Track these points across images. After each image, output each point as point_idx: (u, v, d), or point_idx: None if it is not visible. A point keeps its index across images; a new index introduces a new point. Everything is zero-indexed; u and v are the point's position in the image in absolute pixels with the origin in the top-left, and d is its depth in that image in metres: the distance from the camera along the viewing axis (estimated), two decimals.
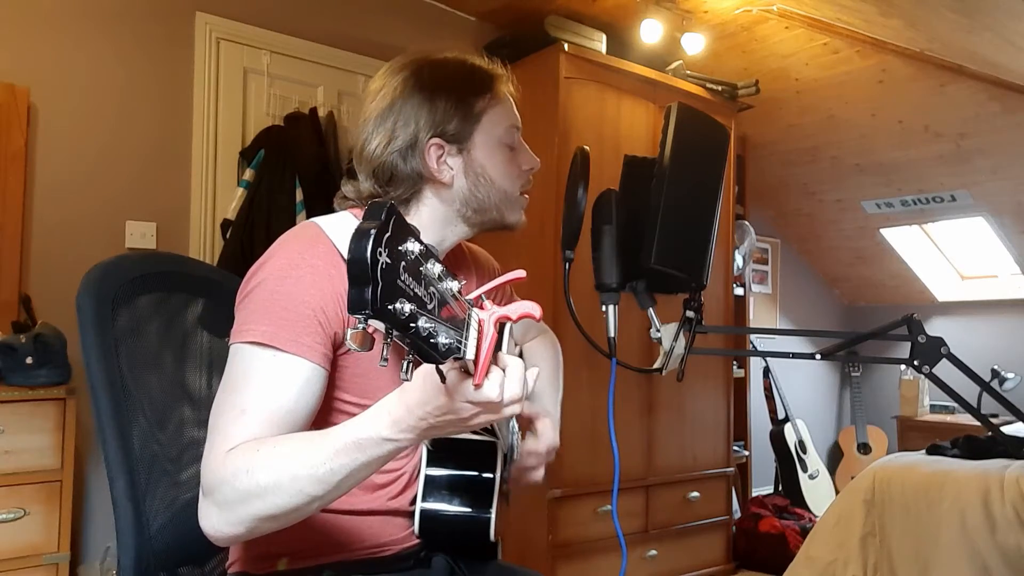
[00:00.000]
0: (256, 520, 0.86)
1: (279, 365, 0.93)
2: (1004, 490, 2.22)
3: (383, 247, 0.56)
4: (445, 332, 0.62)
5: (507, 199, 1.13)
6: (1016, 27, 2.62)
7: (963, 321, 4.68)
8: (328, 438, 0.83)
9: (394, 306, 0.57)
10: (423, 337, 0.60)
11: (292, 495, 0.83)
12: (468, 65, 1.12)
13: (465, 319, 0.66)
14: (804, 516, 3.83)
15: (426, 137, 1.06)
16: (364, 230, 0.56)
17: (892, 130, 3.78)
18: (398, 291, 0.57)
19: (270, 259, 1.00)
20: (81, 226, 2.45)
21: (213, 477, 0.88)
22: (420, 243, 0.61)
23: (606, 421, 2.70)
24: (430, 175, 1.07)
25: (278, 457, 0.85)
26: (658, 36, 3.20)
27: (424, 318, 0.59)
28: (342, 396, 1.03)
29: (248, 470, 0.85)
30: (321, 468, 0.82)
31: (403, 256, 0.58)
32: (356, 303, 0.56)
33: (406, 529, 1.10)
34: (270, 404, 0.92)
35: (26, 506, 1.96)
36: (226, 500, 0.86)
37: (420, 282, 0.60)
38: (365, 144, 1.08)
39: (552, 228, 2.81)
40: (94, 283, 1.07)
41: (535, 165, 1.17)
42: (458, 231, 1.14)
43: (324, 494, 0.84)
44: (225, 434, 0.90)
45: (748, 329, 4.43)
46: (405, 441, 0.80)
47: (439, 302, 0.62)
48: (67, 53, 2.47)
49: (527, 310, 0.71)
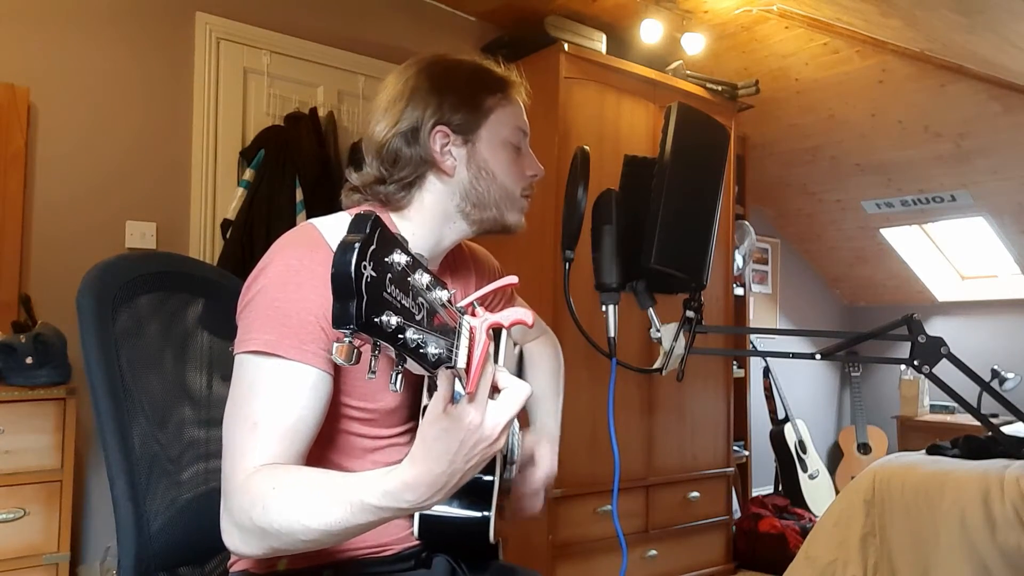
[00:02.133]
0: (273, 551, 0.88)
1: (285, 373, 0.93)
2: (1004, 490, 2.22)
3: (367, 260, 0.56)
4: (435, 342, 0.62)
5: (507, 197, 1.13)
6: (1016, 27, 2.62)
7: (963, 321, 4.68)
8: (346, 493, 0.81)
9: (380, 319, 0.56)
10: (411, 348, 0.59)
11: (305, 541, 0.85)
12: (483, 67, 1.14)
13: (456, 328, 0.65)
14: (804, 516, 3.83)
15: (432, 123, 1.07)
16: (348, 243, 0.56)
17: (892, 130, 3.78)
18: (384, 304, 0.57)
19: (269, 265, 1.00)
20: (81, 226, 2.45)
21: (232, 499, 0.89)
22: (407, 254, 0.60)
23: (606, 421, 2.70)
24: (433, 160, 1.08)
25: (293, 502, 0.84)
26: (658, 36, 3.20)
27: (412, 329, 0.59)
28: (347, 401, 1.03)
29: (264, 507, 0.85)
30: (335, 525, 0.82)
31: (389, 268, 0.58)
32: (340, 318, 0.56)
33: (406, 530, 1.10)
34: (280, 414, 0.92)
35: (26, 506, 1.95)
36: (245, 527, 0.88)
37: (408, 293, 0.60)
38: (373, 128, 1.10)
39: (552, 228, 2.81)
40: (94, 283, 1.08)
41: (539, 172, 1.17)
42: (457, 229, 1.14)
43: (336, 541, 0.88)
44: (242, 450, 0.91)
45: (748, 329, 4.43)
46: (428, 502, 0.78)
47: (428, 312, 0.62)
48: (67, 53, 2.47)
49: (519, 316, 0.71)
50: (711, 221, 1.27)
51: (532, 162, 1.16)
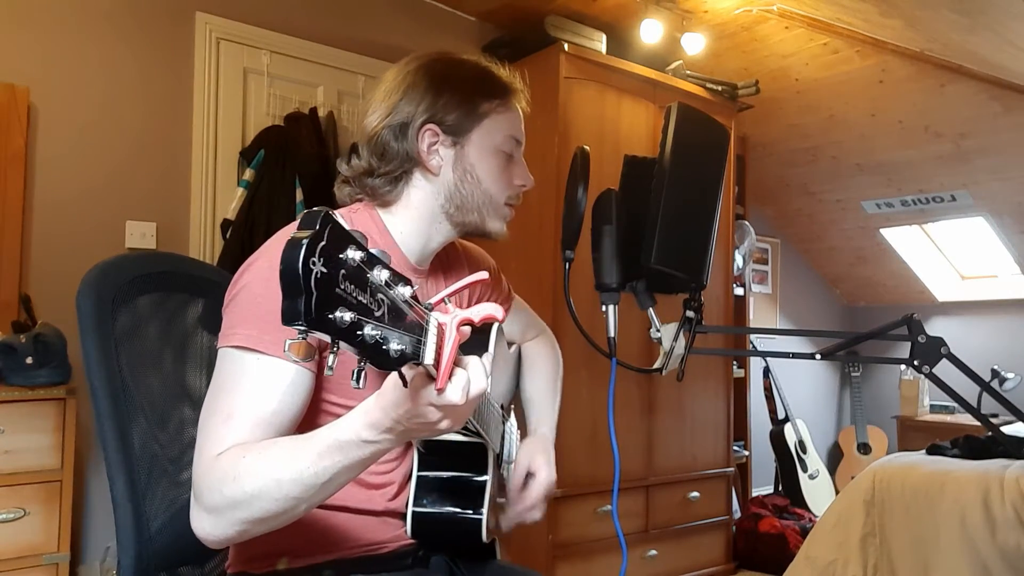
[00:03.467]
0: (246, 524, 0.87)
1: (264, 369, 0.94)
2: (1004, 490, 2.22)
3: (316, 256, 0.55)
4: (398, 338, 0.61)
5: (490, 204, 1.12)
6: (1016, 27, 2.62)
7: (963, 321, 4.68)
8: (311, 442, 0.83)
9: (333, 315, 0.56)
10: (371, 345, 0.59)
11: (278, 500, 0.84)
12: (487, 71, 1.13)
13: (424, 324, 0.65)
14: (804, 516, 3.83)
15: (422, 120, 1.07)
16: (296, 240, 0.55)
17: (892, 130, 3.78)
18: (337, 300, 0.56)
19: (255, 262, 1.00)
20: (81, 226, 2.45)
21: (201, 483, 0.89)
22: (363, 250, 0.60)
23: (606, 421, 2.70)
24: (419, 158, 1.08)
25: (263, 463, 0.85)
26: (658, 36, 3.19)
27: (370, 325, 0.59)
28: (328, 398, 1.03)
29: (235, 477, 0.85)
30: (305, 472, 0.82)
31: (343, 264, 0.57)
32: (289, 314, 0.55)
33: (401, 528, 1.10)
34: (256, 408, 0.92)
35: (26, 506, 1.95)
36: (215, 506, 0.87)
37: (365, 290, 0.59)
38: (366, 117, 1.10)
39: (552, 228, 2.81)
40: (94, 283, 1.08)
41: (528, 183, 1.17)
42: (443, 230, 1.14)
43: (309, 497, 0.85)
44: (213, 439, 0.91)
45: (748, 329, 4.43)
46: (385, 443, 0.80)
47: (390, 309, 0.61)
48: (67, 53, 2.46)
49: (490, 312, 0.70)
50: (711, 221, 1.27)
51: (522, 172, 1.16)
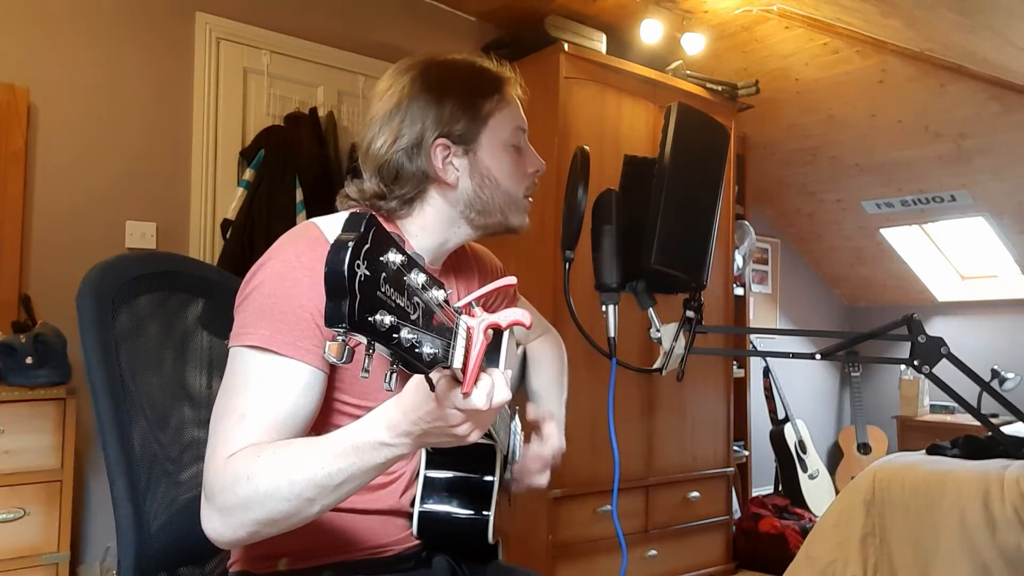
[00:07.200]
0: (257, 525, 0.86)
1: (277, 369, 0.93)
2: (1004, 490, 2.22)
3: (361, 259, 0.56)
4: (430, 342, 0.61)
5: (511, 201, 1.12)
6: (1016, 27, 2.62)
7: (963, 321, 4.68)
8: (326, 443, 0.83)
9: (374, 318, 0.56)
10: (406, 348, 0.59)
11: (291, 500, 0.83)
12: (477, 67, 1.12)
13: (453, 328, 0.65)
14: (804, 516, 3.83)
15: (432, 137, 1.06)
16: (342, 242, 0.56)
17: (892, 130, 3.78)
18: (378, 303, 0.57)
19: (268, 261, 1.00)
20: (81, 226, 2.45)
21: (214, 483, 0.88)
22: (403, 253, 0.60)
23: (606, 421, 2.69)
24: (435, 175, 1.07)
25: (277, 463, 0.85)
26: (658, 36, 3.20)
27: (407, 328, 0.59)
28: (343, 398, 1.03)
29: (248, 476, 0.85)
30: (320, 473, 0.82)
31: (384, 267, 0.58)
32: (333, 316, 0.56)
33: (406, 530, 1.10)
34: (269, 408, 0.92)
35: (26, 506, 1.95)
36: (227, 506, 0.87)
37: (403, 293, 0.59)
38: (371, 143, 1.08)
39: (552, 228, 2.81)
40: (94, 283, 1.07)
41: (540, 167, 1.16)
42: (461, 233, 1.13)
43: (323, 499, 0.84)
44: (226, 439, 0.90)
45: (748, 329, 4.43)
46: (402, 447, 0.80)
47: (424, 312, 0.62)
48: (67, 53, 2.46)
49: (517, 317, 0.70)
50: (711, 221, 1.27)
51: (533, 158, 1.16)
